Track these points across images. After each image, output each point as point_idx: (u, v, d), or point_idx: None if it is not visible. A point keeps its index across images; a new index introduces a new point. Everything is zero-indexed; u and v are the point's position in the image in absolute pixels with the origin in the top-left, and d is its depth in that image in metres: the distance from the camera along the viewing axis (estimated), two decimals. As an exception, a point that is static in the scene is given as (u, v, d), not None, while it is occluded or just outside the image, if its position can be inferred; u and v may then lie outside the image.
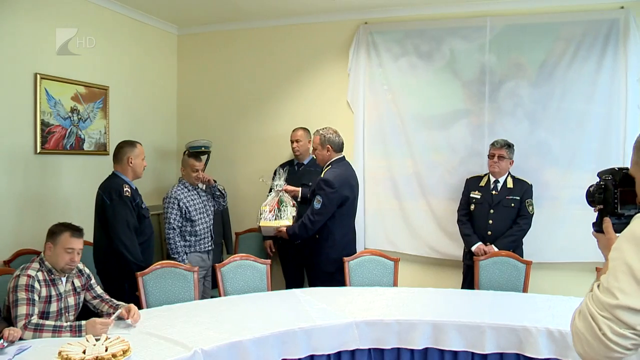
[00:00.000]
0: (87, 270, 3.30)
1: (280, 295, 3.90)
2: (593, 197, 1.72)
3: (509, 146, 4.57)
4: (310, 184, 4.75)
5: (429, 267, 5.28)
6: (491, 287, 4.06)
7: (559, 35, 4.80)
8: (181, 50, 6.26)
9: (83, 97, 4.88)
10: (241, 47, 5.97)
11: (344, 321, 3.23)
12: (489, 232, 4.54)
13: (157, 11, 5.63)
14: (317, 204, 4.30)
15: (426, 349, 3.21)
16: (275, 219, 4.58)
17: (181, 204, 4.51)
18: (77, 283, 3.21)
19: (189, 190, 4.60)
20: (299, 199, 4.82)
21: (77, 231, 3.14)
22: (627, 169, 1.60)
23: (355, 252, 4.63)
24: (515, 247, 4.43)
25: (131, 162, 3.99)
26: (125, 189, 3.88)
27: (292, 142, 5.21)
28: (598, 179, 1.72)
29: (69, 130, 4.75)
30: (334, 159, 4.48)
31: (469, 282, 4.57)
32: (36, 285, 2.95)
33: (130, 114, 5.52)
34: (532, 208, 4.50)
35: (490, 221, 4.56)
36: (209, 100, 6.14)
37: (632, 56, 4.59)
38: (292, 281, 5.11)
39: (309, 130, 5.18)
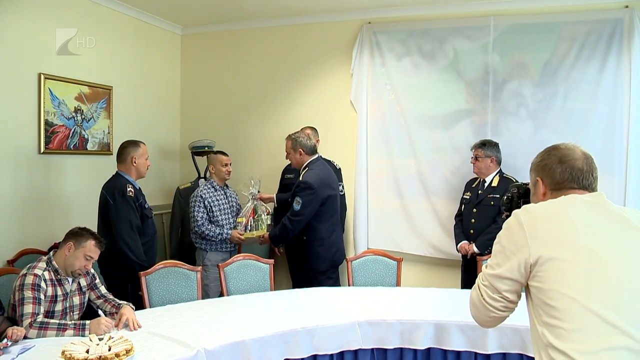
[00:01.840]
0: (92, 270, 3.31)
1: (283, 295, 3.90)
2: (504, 205, 2.18)
3: (483, 145, 4.59)
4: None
5: (432, 267, 5.28)
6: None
7: (563, 35, 4.78)
8: (185, 50, 6.27)
9: (87, 97, 4.90)
10: (244, 47, 5.98)
11: (346, 321, 3.22)
12: (471, 231, 4.59)
13: (160, 11, 5.64)
14: (296, 205, 4.35)
15: (429, 349, 3.20)
16: (251, 229, 4.68)
17: (206, 202, 4.58)
18: (83, 282, 3.22)
19: (215, 190, 4.67)
20: (275, 205, 4.87)
21: (100, 242, 3.19)
22: (529, 183, 2.02)
23: (344, 249, 4.66)
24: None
25: (135, 162, 4.00)
26: (128, 189, 3.88)
27: None
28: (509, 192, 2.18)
29: (72, 130, 4.76)
30: (309, 161, 4.52)
31: (465, 281, 4.62)
32: (42, 284, 2.96)
33: (134, 114, 5.54)
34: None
35: (473, 220, 4.60)
36: (212, 100, 6.15)
37: (636, 56, 4.57)
38: (299, 282, 5.09)
39: (316, 130, 5.20)
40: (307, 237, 4.45)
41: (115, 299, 3.29)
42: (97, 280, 3.32)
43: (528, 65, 4.90)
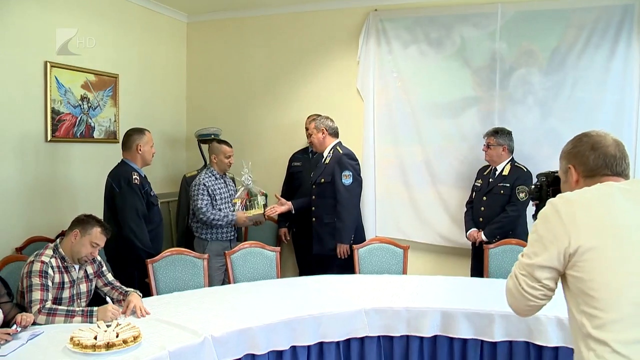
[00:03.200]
0: (99, 258, 3.33)
1: (290, 283, 3.92)
2: (532, 194, 2.20)
3: (496, 133, 4.56)
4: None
5: (439, 255, 5.28)
6: (501, 275, 4.04)
7: (571, 22, 4.73)
8: (190, 37, 6.25)
9: (93, 85, 4.90)
10: (250, 35, 5.95)
11: (353, 308, 3.23)
12: (481, 219, 4.58)
13: (166, -1, 5.63)
14: (346, 180, 4.35)
15: (435, 336, 3.21)
16: (246, 209, 4.66)
17: (209, 190, 4.54)
18: (90, 270, 3.24)
19: (216, 179, 4.63)
20: (293, 212, 4.81)
21: (106, 229, 3.21)
22: (557, 172, 2.06)
23: (365, 236, 4.65)
24: (505, 234, 4.38)
25: (140, 150, 4.00)
26: (134, 177, 3.89)
27: (306, 129, 5.19)
28: (536, 180, 2.22)
29: (79, 118, 4.77)
30: (335, 143, 4.54)
31: (474, 269, 4.63)
32: (50, 271, 2.98)
33: (140, 101, 5.53)
34: (525, 195, 4.40)
35: (482, 208, 4.59)
36: (218, 88, 6.13)
37: (646, 43, 4.53)
38: (306, 269, 5.10)
39: None
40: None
41: (122, 286, 3.31)
42: (104, 268, 3.34)
43: (536, 53, 4.86)
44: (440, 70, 5.16)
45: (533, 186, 2.20)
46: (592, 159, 1.83)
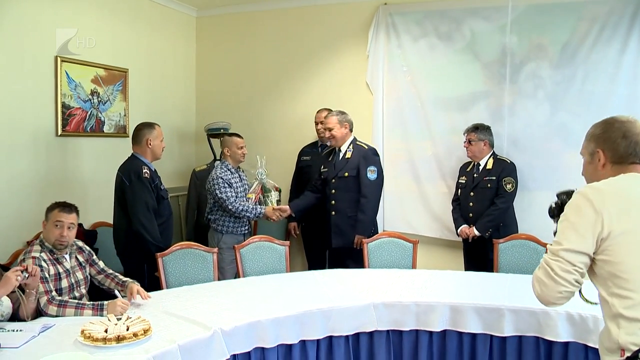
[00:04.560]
0: (88, 248, 3.36)
1: (299, 277, 3.92)
2: (554, 212, 2.19)
3: (476, 128, 4.61)
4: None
5: (448, 249, 5.26)
6: (510, 270, 4.03)
7: (583, 15, 4.68)
8: (200, 32, 6.26)
9: (103, 80, 4.92)
10: (260, 29, 5.95)
11: (362, 303, 3.23)
12: (470, 215, 4.61)
13: (175, -7, 5.64)
14: (371, 174, 4.46)
15: (444, 331, 3.20)
16: (259, 204, 4.71)
17: (228, 183, 4.48)
18: (80, 258, 3.26)
19: (232, 173, 4.57)
20: (293, 215, 4.85)
21: (66, 207, 3.16)
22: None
23: (378, 230, 4.70)
24: (496, 226, 4.47)
25: (150, 144, 4.01)
26: (144, 171, 3.90)
27: (316, 123, 5.18)
28: (556, 199, 2.21)
29: (89, 112, 4.79)
30: (352, 138, 4.62)
31: (468, 264, 4.69)
32: (43, 264, 3.00)
33: (150, 96, 5.55)
34: (512, 186, 4.49)
35: (471, 203, 4.63)
36: (228, 82, 6.14)
37: (659, 36, 4.48)
38: (316, 264, 5.10)
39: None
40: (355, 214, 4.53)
41: (118, 274, 3.33)
42: (95, 257, 3.36)
43: (546, 47, 4.82)
44: (450, 64, 5.13)
45: (554, 205, 2.22)
46: (623, 147, 1.90)
